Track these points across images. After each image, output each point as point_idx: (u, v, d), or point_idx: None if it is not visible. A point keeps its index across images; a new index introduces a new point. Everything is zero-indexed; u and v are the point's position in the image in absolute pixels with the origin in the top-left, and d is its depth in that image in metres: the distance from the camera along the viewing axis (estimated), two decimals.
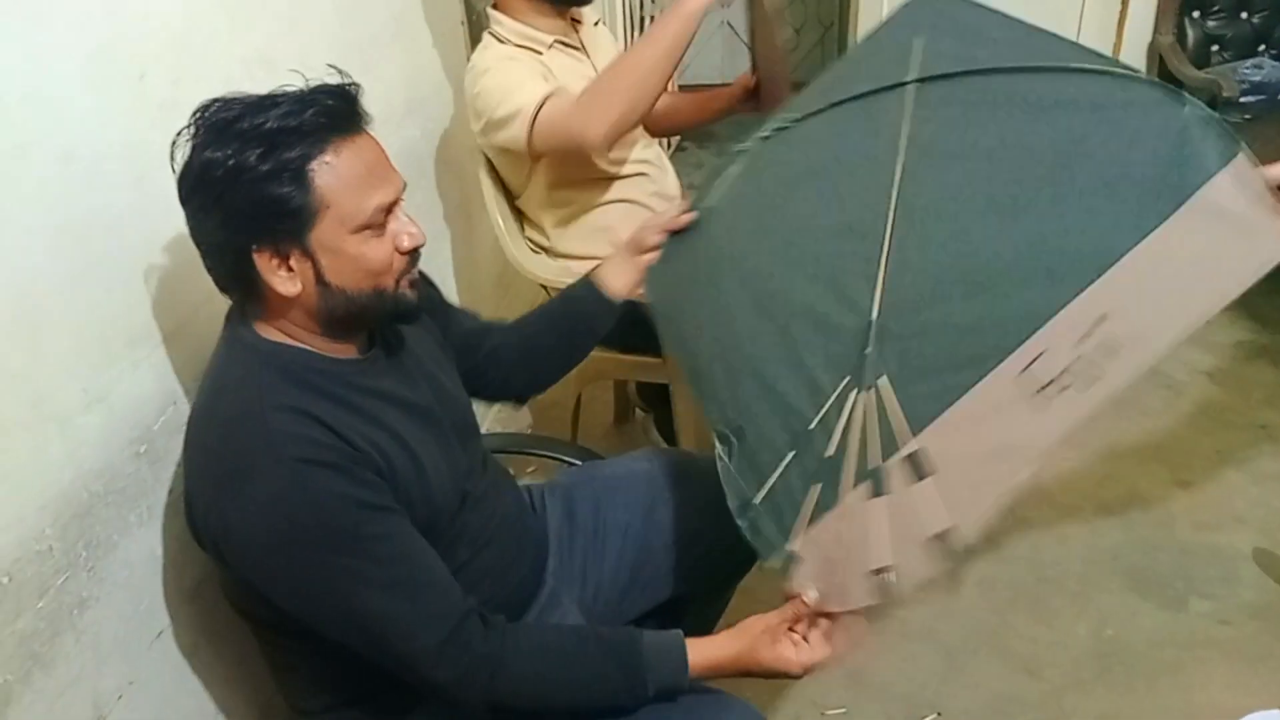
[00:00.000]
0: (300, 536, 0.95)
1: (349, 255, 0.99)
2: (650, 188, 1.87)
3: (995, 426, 1.00)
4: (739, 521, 1.12)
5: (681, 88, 3.93)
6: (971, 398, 1.00)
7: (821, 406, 1.09)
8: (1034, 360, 0.98)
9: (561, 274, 1.82)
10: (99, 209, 1.07)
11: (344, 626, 1.00)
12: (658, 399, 2.05)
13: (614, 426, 2.38)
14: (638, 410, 2.38)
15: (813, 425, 1.10)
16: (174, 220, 0.98)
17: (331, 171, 0.96)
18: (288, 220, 0.96)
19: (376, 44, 1.83)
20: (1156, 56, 2.81)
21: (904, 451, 1.02)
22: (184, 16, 1.23)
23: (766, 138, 1.34)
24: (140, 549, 1.13)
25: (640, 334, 1.89)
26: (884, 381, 1.05)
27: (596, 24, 1.91)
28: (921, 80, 1.14)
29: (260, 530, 0.95)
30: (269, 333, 1.03)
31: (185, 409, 1.21)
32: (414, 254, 1.06)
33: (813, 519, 1.08)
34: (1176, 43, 2.82)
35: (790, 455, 1.11)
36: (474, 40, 2.14)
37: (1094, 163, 1.01)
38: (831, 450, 1.08)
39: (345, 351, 1.07)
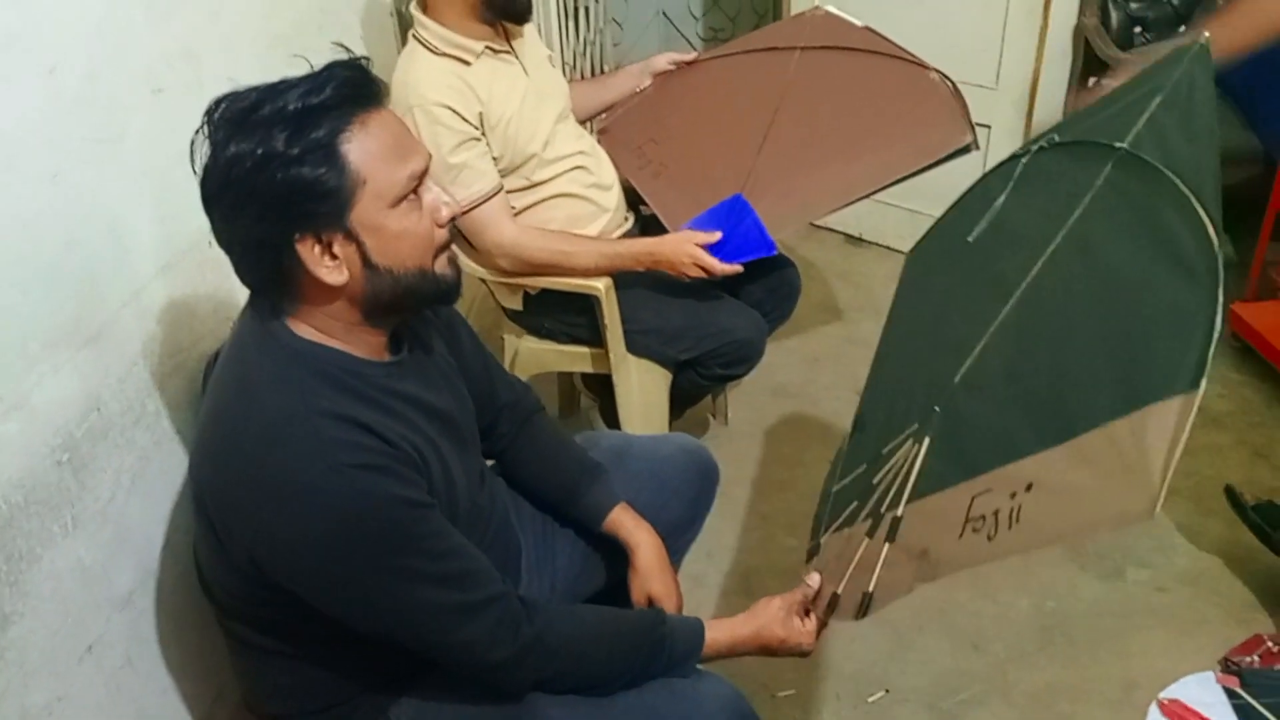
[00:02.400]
0: (358, 541, 0.95)
1: (393, 231, 0.97)
2: (587, 179, 1.86)
3: (935, 531, 1.07)
4: (820, 501, 1.27)
5: None
6: (943, 496, 1.07)
7: (896, 437, 1.16)
8: (984, 492, 1.03)
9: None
10: (10, 207, 1.03)
11: (396, 623, 1.01)
12: (604, 387, 2.04)
13: (561, 416, 2.37)
14: (584, 399, 2.37)
15: (885, 450, 1.18)
16: (94, 218, 0.95)
17: (362, 145, 0.94)
18: (327, 202, 0.93)
19: (303, 34, 1.78)
20: (1082, 39, 2.86)
21: (895, 510, 1.10)
22: (99, 6, 1.19)
23: (1033, 150, 1.34)
24: (66, 560, 1.10)
25: (582, 326, 1.90)
26: (926, 442, 1.11)
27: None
28: (1126, 154, 1.14)
29: (316, 537, 0.94)
30: (303, 330, 1.01)
31: (111, 414, 1.17)
32: (451, 225, 1.05)
33: (839, 527, 1.19)
34: (1101, 25, 2.87)
35: (864, 467, 1.19)
36: (404, 32, 2.11)
37: (1137, 323, 1.02)
38: (876, 480, 1.16)
39: (376, 352, 1.05)
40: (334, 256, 0.96)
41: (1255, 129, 2.58)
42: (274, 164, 0.91)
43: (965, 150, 1.76)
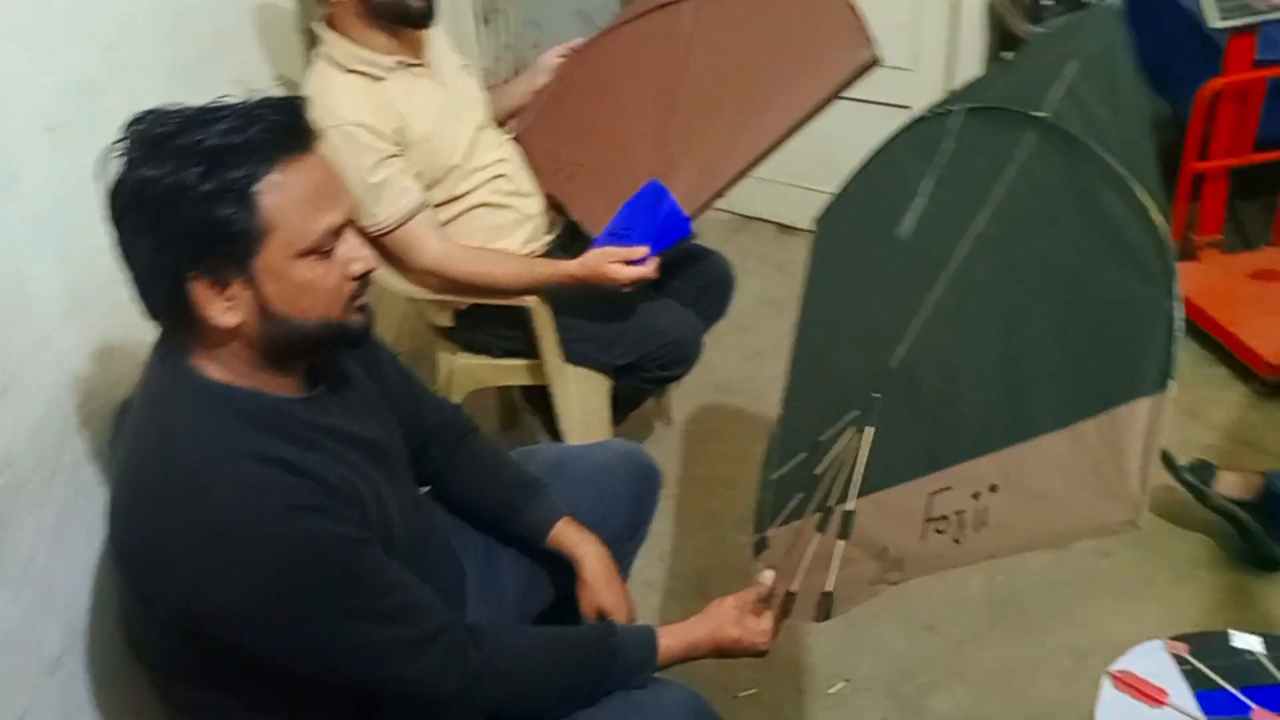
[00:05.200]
0: (296, 585, 0.92)
1: (296, 282, 0.94)
2: (508, 188, 1.83)
3: (894, 529, 1.05)
4: (758, 492, 1.25)
5: None
6: (899, 491, 1.06)
7: (835, 424, 1.14)
8: (943, 490, 1.02)
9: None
10: None
11: (341, 664, 0.98)
12: (544, 400, 2.02)
13: (501, 433, 2.34)
14: (524, 413, 2.34)
15: (824, 437, 1.16)
16: None
17: (279, 192, 0.91)
18: (230, 245, 0.90)
19: (205, 61, 1.73)
20: (994, 15, 2.90)
21: (846, 505, 1.08)
22: None
23: (937, 115, 1.33)
24: None
25: (517, 339, 1.87)
26: (869, 431, 1.09)
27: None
28: (1048, 126, 1.12)
29: (252, 585, 0.91)
30: (212, 370, 0.97)
31: (25, 469, 1.11)
32: (364, 279, 1.01)
33: (786, 520, 1.17)
34: (1010, 1, 2.91)
35: (803, 456, 1.17)
36: (309, 48, 2.06)
37: (1090, 319, 1.00)
38: (819, 470, 1.14)
39: (288, 388, 1.02)
40: (229, 298, 0.93)
41: (1165, 94, 2.63)
42: (183, 197, 0.88)
43: (868, 67, 1.64)
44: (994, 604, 1.80)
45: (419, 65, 1.73)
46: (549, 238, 1.92)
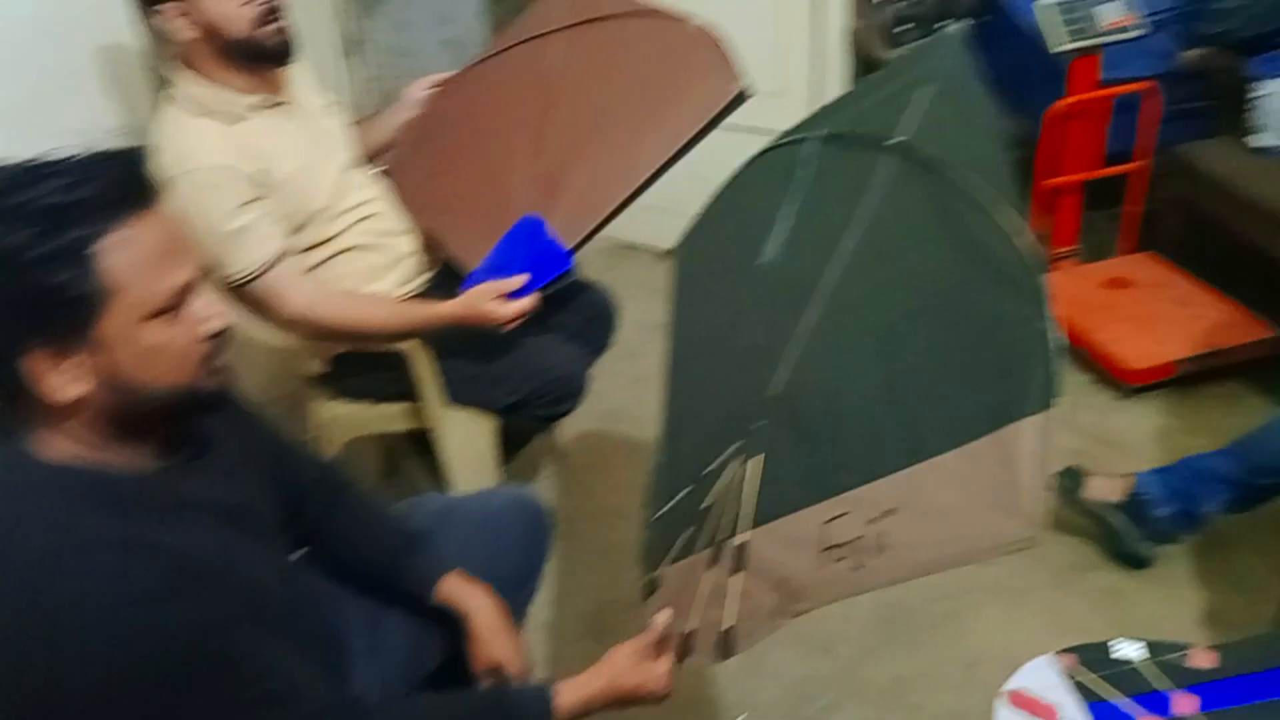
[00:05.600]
0: (163, 679, 0.85)
1: (144, 347, 0.87)
2: (379, 228, 1.78)
3: (791, 559, 1.04)
4: (643, 532, 1.22)
5: None
6: (792, 520, 1.04)
7: (718, 457, 1.12)
8: (838, 516, 1.01)
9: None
10: None
11: None
12: (427, 444, 1.95)
13: (383, 480, 2.26)
14: (407, 459, 2.27)
15: (707, 470, 1.13)
16: None
17: (120, 252, 0.83)
18: (69, 312, 0.83)
19: (40, 102, 1.62)
20: (854, 42, 2.99)
21: (739, 539, 1.06)
22: None
23: (794, 141, 1.33)
24: None
25: (395, 382, 1.81)
26: (756, 461, 1.07)
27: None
28: (907, 150, 1.13)
29: (112, 686, 0.83)
30: (53, 448, 0.88)
31: None
32: (219, 338, 0.94)
33: (675, 557, 1.14)
34: (869, 25, 3.00)
35: (688, 490, 1.14)
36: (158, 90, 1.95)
37: (970, 340, 1.01)
38: (706, 504, 1.11)
39: (142, 458, 0.94)
40: (70, 370, 0.85)
41: (1018, 113, 2.75)
42: (12, 263, 0.81)
43: (740, 99, 1.62)
44: (885, 620, 1.83)
45: (280, 104, 1.66)
46: (425, 276, 1.87)
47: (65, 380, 0.85)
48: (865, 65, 3.01)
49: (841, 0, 2.85)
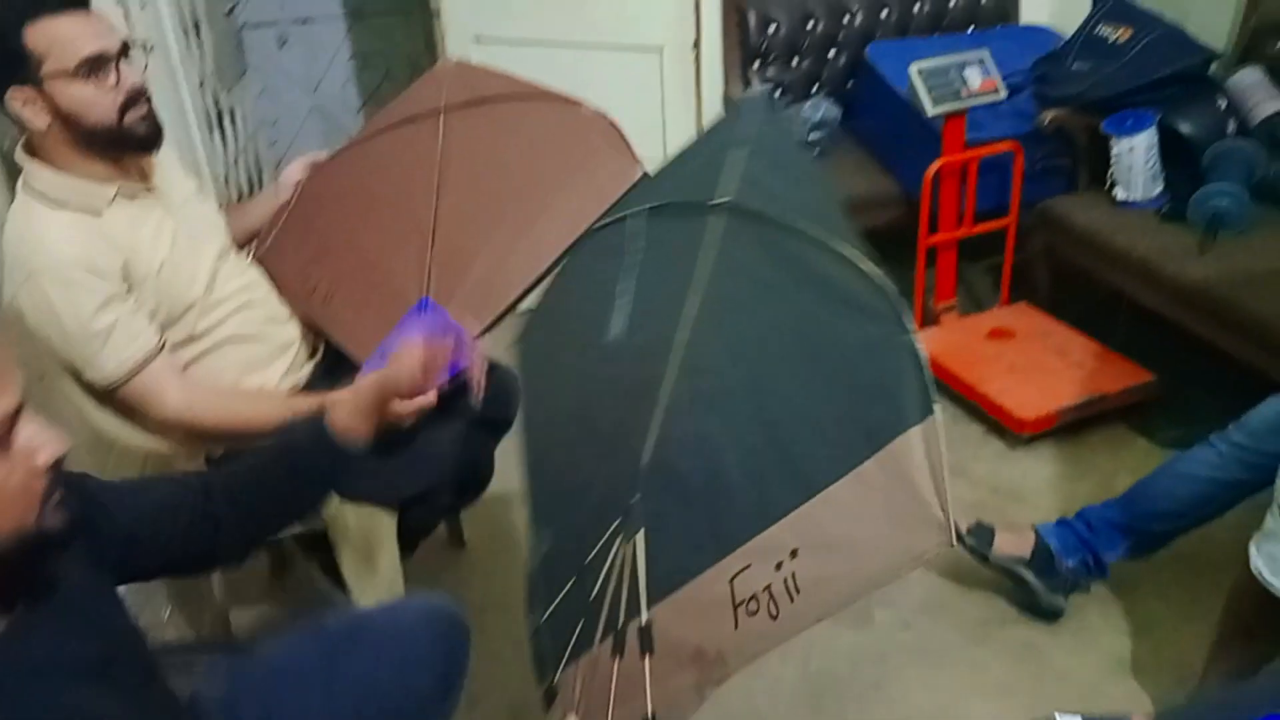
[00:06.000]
0: None
1: None
2: (259, 316, 1.67)
3: (703, 627, 1.01)
4: (530, 640, 1.18)
5: None
6: (694, 586, 1.01)
7: (598, 542, 1.07)
8: (742, 570, 0.98)
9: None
10: None
11: None
12: (318, 541, 1.83)
13: (273, 580, 2.11)
14: (299, 556, 2.12)
15: (589, 559, 1.08)
16: None
17: None
18: None
19: None
20: (732, 109, 3.05)
21: (640, 619, 1.02)
22: None
23: (619, 220, 1.30)
24: None
25: None
26: (640, 538, 1.03)
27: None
28: (733, 208, 1.13)
29: None
30: None
31: None
32: (56, 467, 0.84)
33: (571, 655, 1.09)
34: (745, 92, 3.06)
35: (572, 582, 1.10)
36: (10, 178, 1.80)
37: (834, 370, 1.02)
38: (595, 592, 1.07)
39: None
40: None
41: (892, 172, 2.84)
42: None
43: (636, 183, 1.57)
44: (813, 691, 1.79)
45: (144, 192, 1.54)
46: (311, 364, 1.76)
47: None
48: None
49: (719, 67, 2.90)
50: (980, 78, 2.49)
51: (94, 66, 1.38)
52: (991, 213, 2.66)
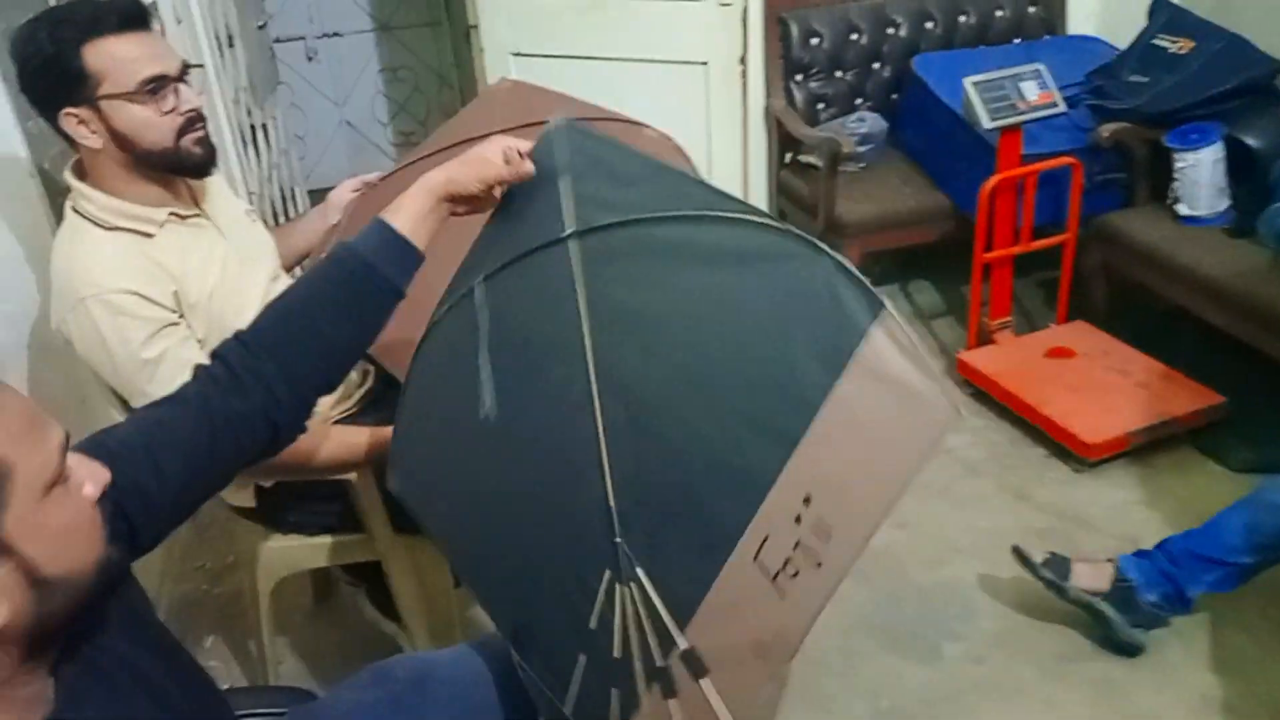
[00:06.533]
0: None
1: (57, 528, 0.74)
2: None
3: (749, 618, 0.95)
4: None
5: (312, 191, 3.65)
6: (719, 588, 0.95)
7: (594, 603, 1.01)
8: (762, 545, 0.93)
9: None
10: None
11: None
12: (368, 569, 1.77)
13: (316, 607, 2.05)
14: (344, 584, 2.06)
15: (593, 624, 1.02)
16: None
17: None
18: None
19: None
20: (775, 120, 2.98)
21: (679, 648, 0.97)
22: None
23: (450, 308, 1.18)
24: None
25: (334, 514, 1.62)
26: (641, 572, 0.98)
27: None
28: (581, 233, 1.05)
29: None
30: None
31: None
32: (100, 501, 0.80)
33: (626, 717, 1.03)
34: (789, 105, 3.01)
35: (583, 660, 1.03)
36: (51, 197, 1.75)
37: (760, 322, 0.95)
38: (618, 650, 1.01)
39: (28, 706, 0.76)
40: None
41: (945, 188, 2.77)
42: None
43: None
44: None
45: (195, 216, 1.48)
46: (361, 392, 1.70)
47: None
48: (784, 143, 3.01)
49: (762, 80, 2.85)
50: (1037, 90, 2.42)
51: (154, 88, 1.33)
52: (1046, 228, 2.59)
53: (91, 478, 0.79)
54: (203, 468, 0.99)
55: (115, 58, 1.31)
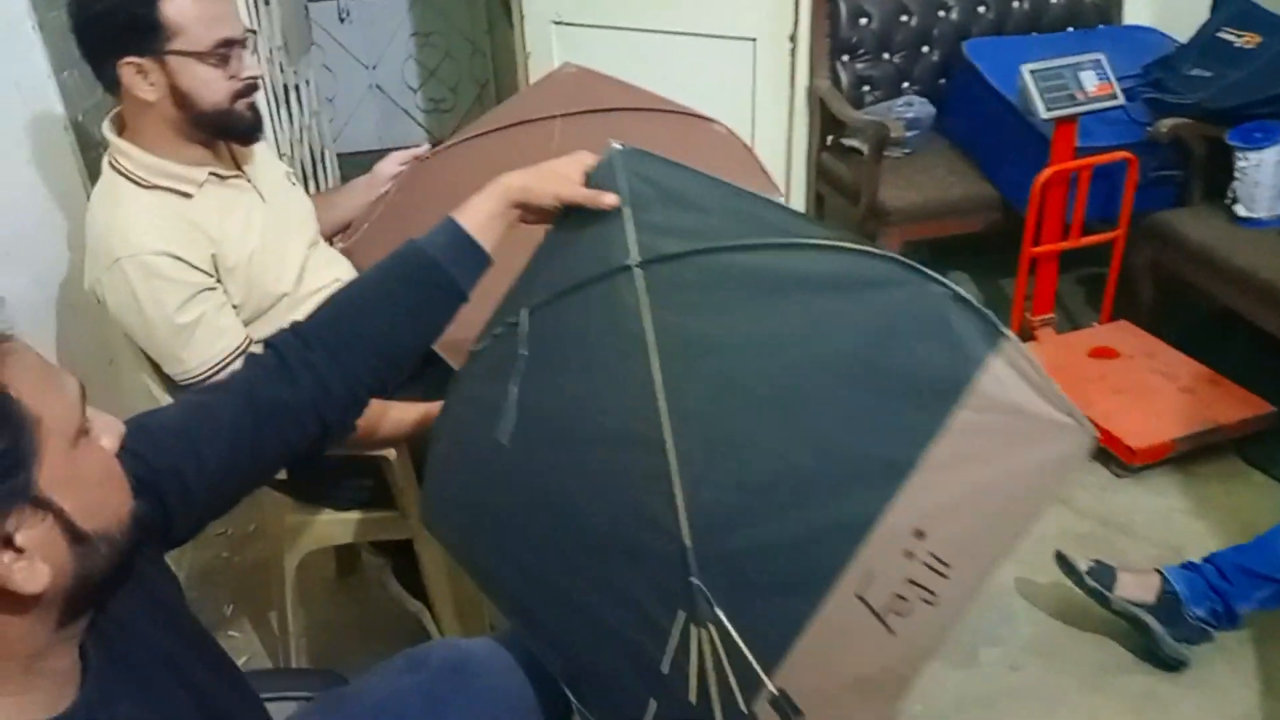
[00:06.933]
0: None
1: (92, 478, 0.71)
2: None
3: (851, 657, 0.91)
4: None
5: (339, 155, 3.59)
6: (814, 628, 0.90)
7: (666, 646, 0.96)
8: (866, 580, 0.88)
9: None
10: None
11: None
12: (394, 545, 1.73)
13: (338, 581, 2.01)
14: (367, 555, 2.03)
15: (665, 669, 0.97)
16: None
17: (22, 381, 0.67)
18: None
19: None
20: (818, 100, 2.90)
21: (766, 693, 0.92)
22: None
23: (499, 335, 1.11)
24: None
25: (367, 489, 1.59)
26: (720, 614, 0.93)
27: None
28: (645, 263, 0.99)
29: None
30: None
31: None
32: (119, 455, 0.77)
33: None
34: (833, 86, 2.93)
35: (654, 705, 0.98)
36: (84, 152, 1.70)
37: (858, 350, 0.90)
38: (694, 696, 0.96)
39: (50, 700, 0.71)
40: (18, 552, 0.65)
41: (992, 177, 2.70)
42: None
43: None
44: None
45: (236, 177, 1.43)
46: None
47: (20, 570, 0.66)
48: (824, 125, 2.93)
49: (807, 59, 2.77)
50: (1096, 81, 2.34)
51: (224, 51, 1.31)
52: (1095, 224, 2.52)
53: (107, 430, 0.76)
54: (245, 458, 0.95)
55: (194, 15, 1.28)
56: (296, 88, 3.20)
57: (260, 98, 2.61)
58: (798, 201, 2.98)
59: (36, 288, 1.59)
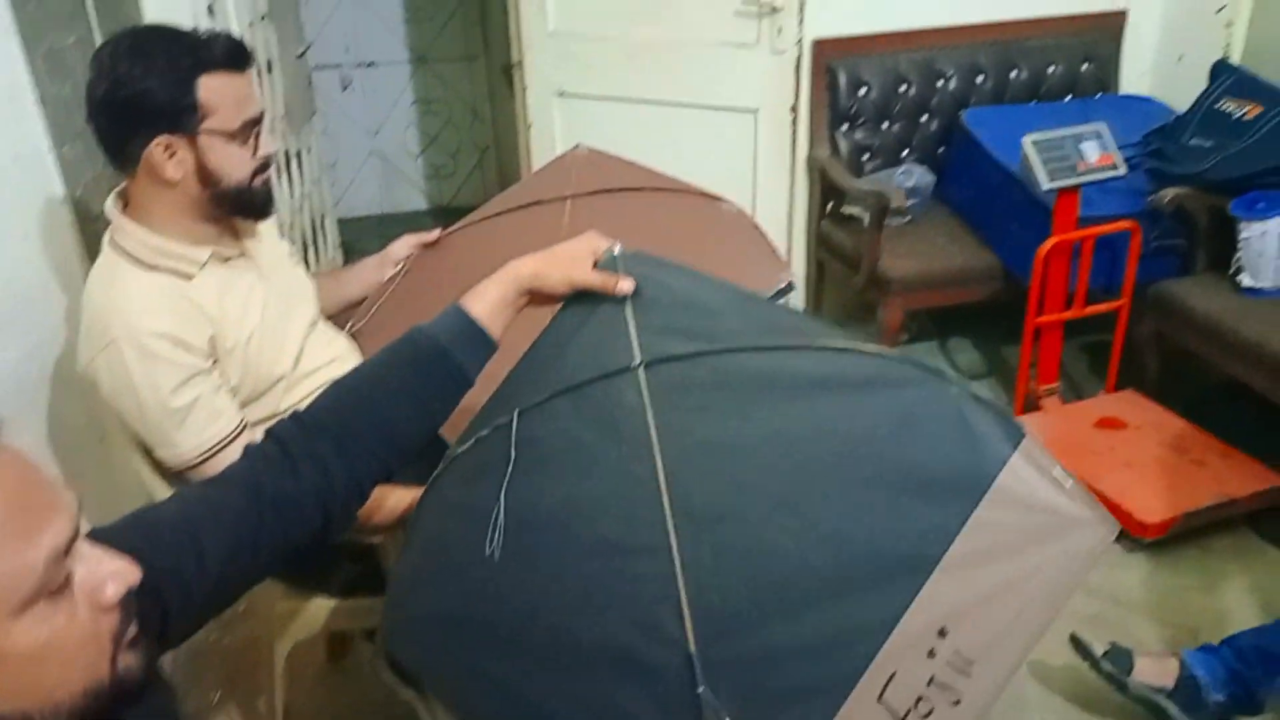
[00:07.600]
0: None
1: (24, 655, 0.63)
2: None
3: None
4: None
5: (340, 220, 3.60)
6: None
7: None
8: (887, 683, 0.86)
9: None
10: None
11: None
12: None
13: (330, 666, 1.95)
14: (359, 640, 1.96)
15: None
16: None
17: None
18: None
19: None
20: (819, 169, 2.91)
21: None
22: None
23: (483, 438, 1.06)
24: None
25: (357, 574, 1.54)
26: None
27: None
28: (648, 364, 0.98)
29: None
30: None
31: None
32: (125, 602, 0.69)
33: None
34: (833, 154, 2.94)
35: None
36: (83, 228, 1.69)
37: (875, 449, 0.89)
38: None
39: None
40: None
41: (994, 247, 2.69)
42: None
43: (786, 290, 1.52)
44: None
45: (239, 257, 1.42)
46: None
47: None
48: (825, 193, 2.93)
49: (807, 129, 2.79)
50: (1098, 151, 2.34)
51: (250, 129, 1.33)
52: (1098, 293, 2.50)
53: (115, 576, 0.69)
54: (247, 553, 0.91)
55: (226, 95, 1.28)
56: (299, 154, 3.22)
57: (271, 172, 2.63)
58: (799, 269, 2.97)
59: (30, 360, 1.56)
